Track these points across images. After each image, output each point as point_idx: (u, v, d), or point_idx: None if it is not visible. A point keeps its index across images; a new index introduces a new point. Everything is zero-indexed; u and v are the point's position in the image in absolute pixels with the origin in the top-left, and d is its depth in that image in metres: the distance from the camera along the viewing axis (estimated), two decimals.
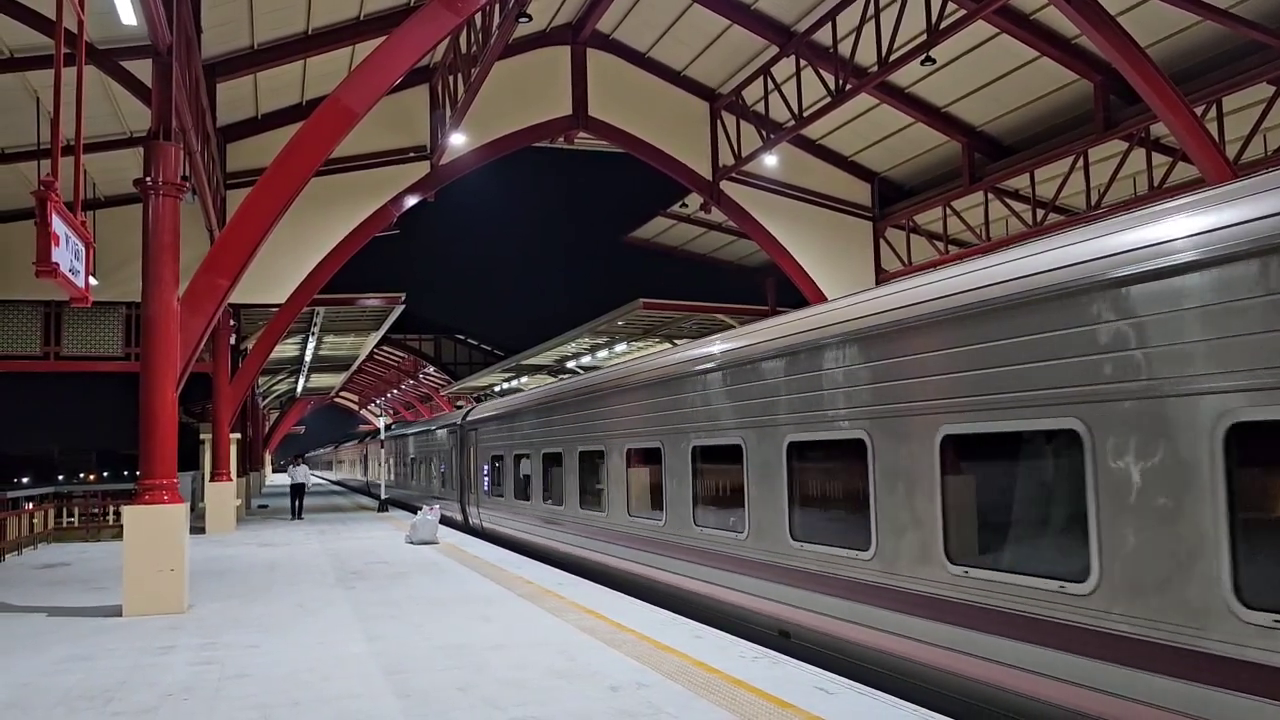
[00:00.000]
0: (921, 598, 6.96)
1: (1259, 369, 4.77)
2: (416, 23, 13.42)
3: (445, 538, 19.83)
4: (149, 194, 11.73)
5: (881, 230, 26.64)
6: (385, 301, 28.76)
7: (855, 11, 19.35)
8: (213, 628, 10.25)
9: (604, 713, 6.47)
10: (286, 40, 19.55)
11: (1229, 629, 4.84)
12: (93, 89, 15.93)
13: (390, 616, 10.67)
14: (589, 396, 14.66)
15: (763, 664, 7.73)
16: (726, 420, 10.06)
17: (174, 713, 6.83)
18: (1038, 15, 18.32)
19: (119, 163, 19.73)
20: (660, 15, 22.79)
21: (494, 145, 23.90)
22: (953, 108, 22.20)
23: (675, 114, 25.30)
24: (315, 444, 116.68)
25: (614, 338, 35.96)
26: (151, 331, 11.68)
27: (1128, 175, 19.94)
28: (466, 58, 20.12)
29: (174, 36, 12.26)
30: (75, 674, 8.16)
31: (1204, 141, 16.38)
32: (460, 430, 24.70)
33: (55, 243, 7.76)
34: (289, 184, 12.82)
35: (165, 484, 11.52)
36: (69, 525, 23.35)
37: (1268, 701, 4.62)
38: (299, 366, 44.67)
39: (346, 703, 6.96)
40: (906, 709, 6.31)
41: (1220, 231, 5.06)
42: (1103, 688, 5.51)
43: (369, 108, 13.24)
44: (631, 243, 32.28)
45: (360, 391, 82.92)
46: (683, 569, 10.97)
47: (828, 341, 8.23)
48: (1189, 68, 17.87)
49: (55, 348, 23.54)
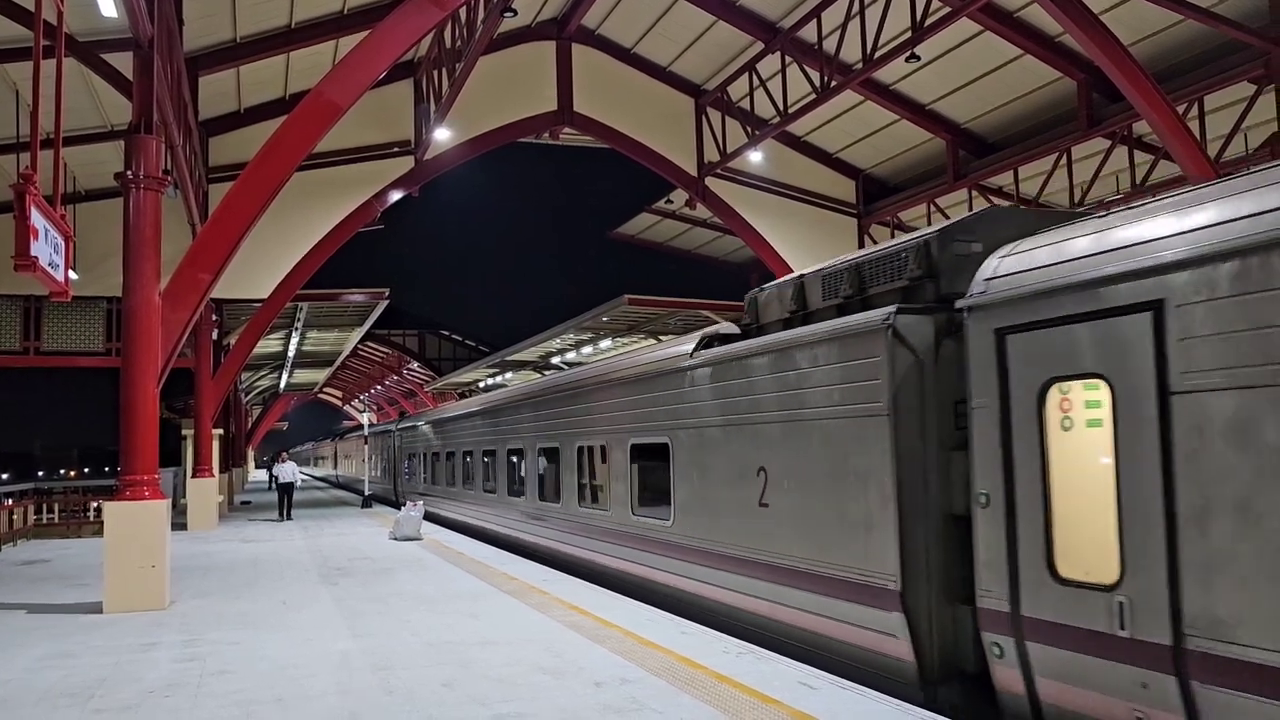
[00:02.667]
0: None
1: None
2: (401, 17, 13.34)
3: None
4: (130, 187, 11.63)
5: (866, 227, 26.72)
6: (369, 297, 28.64)
7: (840, 8, 19.38)
8: (195, 624, 10.19)
9: (589, 708, 6.47)
10: (269, 34, 19.41)
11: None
12: (73, 81, 15.79)
13: (375, 613, 10.63)
14: (459, 416, 22.68)
15: (747, 660, 7.75)
16: (562, 429, 14.67)
17: (156, 710, 6.78)
18: (1021, 13, 18.40)
19: (100, 156, 19.56)
20: (646, 11, 22.77)
21: (479, 141, 23.83)
22: (937, 105, 22.28)
23: (661, 110, 25.29)
24: (298, 440, 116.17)
25: (599, 334, 35.93)
26: (132, 326, 11.59)
27: (1110, 173, 20.08)
28: (451, 52, 20.04)
29: (155, 29, 12.16)
30: (56, 671, 8.10)
31: (1186, 140, 16.51)
32: (395, 435, 33.03)
33: (34, 236, 7.69)
34: (272, 178, 12.74)
35: (146, 480, 11.44)
36: (49, 522, 23.16)
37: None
38: (282, 362, 44.42)
39: (331, 699, 6.93)
40: (889, 704, 6.34)
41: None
42: (672, 572, 10.60)
43: (353, 102, 13.17)
44: (617, 238, 32.27)
45: (344, 387, 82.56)
46: (554, 535, 15.08)
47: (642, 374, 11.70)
48: (1171, 66, 18.00)
49: (35, 343, 23.35)
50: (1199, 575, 4.87)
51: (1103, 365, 5.47)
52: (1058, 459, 5.86)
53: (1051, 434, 5.89)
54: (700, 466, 9.97)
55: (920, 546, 6.81)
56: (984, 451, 6.31)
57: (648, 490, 11.55)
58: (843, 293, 8.27)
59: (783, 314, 9.17)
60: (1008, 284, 6.22)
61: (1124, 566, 5.30)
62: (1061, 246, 6.00)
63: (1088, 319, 5.58)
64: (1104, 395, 5.56)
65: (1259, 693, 4.56)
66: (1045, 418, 5.89)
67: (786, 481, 8.34)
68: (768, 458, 8.63)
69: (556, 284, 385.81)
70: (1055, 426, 5.93)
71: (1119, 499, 5.36)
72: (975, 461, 6.38)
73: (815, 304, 8.72)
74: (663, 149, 25.30)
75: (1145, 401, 5.21)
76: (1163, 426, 5.11)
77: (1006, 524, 6.09)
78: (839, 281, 8.35)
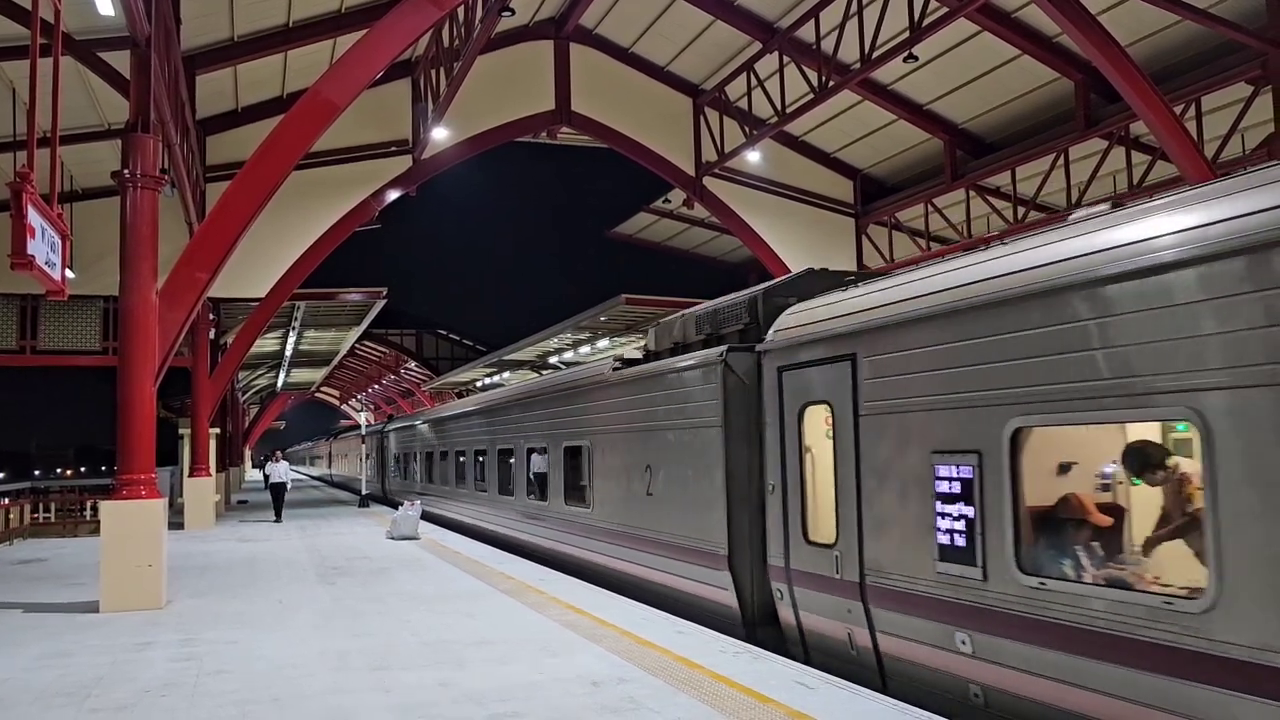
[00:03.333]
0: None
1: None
2: (399, 15, 13.34)
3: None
4: (127, 186, 11.62)
5: (864, 227, 26.72)
6: (367, 296, 28.63)
7: (838, 8, 19.37)
8: (192, 624, 10.18)
9: (586, 708, 6.47)
10: (267, 32, 19.39)
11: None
12: (70, 80, 15.77)
13: (372, 613, 10.63)
14: (433, 422, 26.36)
15: (744, 659, 7.75)
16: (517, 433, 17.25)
17: (152, 709, 6.77)
18: (1019, 14, 18.41)
19: (97, 155, 19.54)
20: (644, 11, 22.76)
21: (477, 140, 23.81)
22: (935, 105, 22.28)
23: (659, 110, 25.27)
24: (296, 440, 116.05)
25: (596, 333, 35.92)
26: (129, 325, 11.58)
27: (1108, 173, 20.08)
28: (449, 51, 20.01)
29: (153, 27, 12.14)
30: (52, 671, 8.09)
31: (1183, 140, 16.51)
32: (380, 435, 37.11)
33: (31, 235, 7.68)
34: (269, 177, 12.74)
35: (143, 479, 11.43)
36: (46, 521, 23.14)
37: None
38: (279, 361, 44.39)
39: (327, 699, 6.92)
40: (885, 703, 6.35)
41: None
42: (593, 550, 12.97)
43: (350, 101, 13.18)
44: (615, 238, 32.26)
45: (341, 387, 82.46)
46: (511, 524, 17.54)
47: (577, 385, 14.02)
48: (1168, 67, 18.01)
49: (32, 341, 23.33)
50: (871, 535, 7.31)
51: (829, 395, 7.92)
52: (810, 459, 8.37)
53: (807, 442, 8.38)
54: (610, 465, 12.48)
55: (742, 523, 9.26)
56: (771, 454, 8.81)
57: (574, 485, 14.11)
58: (705, 331, 10.68)
59: (669, 344, 11.57)
60: (785, 335, 8.67)
61: (838, 531, 7.74)
62: (814, 311, 8.42)
63: (820, 363, 8.04)
64: (829, 415, 7.97)
65: (900, 610, 6.95)
66: (803, 430, 8.40)
67: (662, 476, 10.87)
68: (652, 458, 11.13)
69: (555, 283, 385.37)
70: (809, 436, 8.36)
71: (836, 485, 7.79)
72: (767, 461, 8.90)
73: (690, 338, 11.03)
74: (661, 148, 25.29)
75: (848, 420, 7.62)
76: (855, 437, 7.49)
77: (783, 505, 8.59)
78: (704, 322, 10.76)
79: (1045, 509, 6.10)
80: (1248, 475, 4.58)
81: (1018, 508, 5.96)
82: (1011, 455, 5.97)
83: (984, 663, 6.15)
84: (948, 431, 6.52)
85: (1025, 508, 5.99)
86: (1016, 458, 5.96)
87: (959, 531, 6.37)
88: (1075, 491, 6.13)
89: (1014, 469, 5.96)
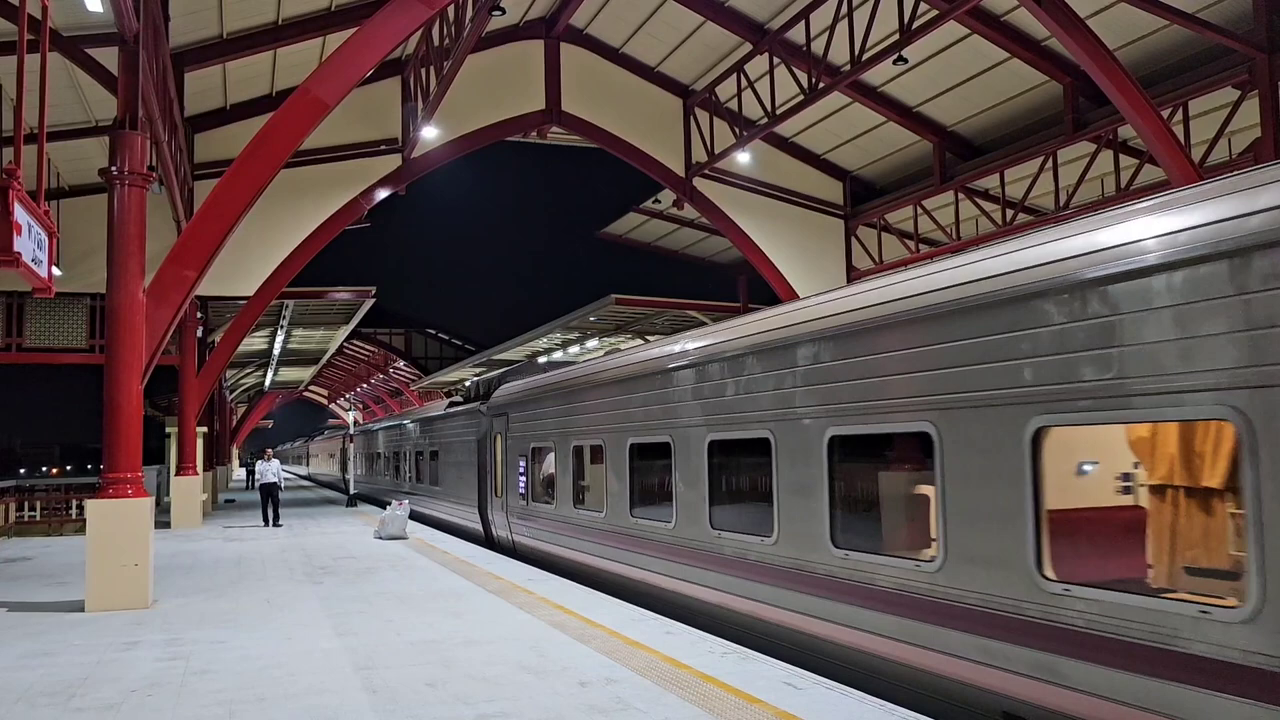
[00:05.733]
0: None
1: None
2: (389, 14, 13.31)
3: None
4: (115, 184, 11.56)
5: (853, 228, 26.79)
6: (355, 295, 28.54)
7: (828, 10, 19.42)
8: (178, 623, 10.14)
9: (574, 708, 6.47)
10: (256, 30, 19.32)
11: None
12: (57, 77, 15.68)
13: (359, 612, 10.61)
14: (378, 430, 36.53)
15: (732, 660, 7.76)
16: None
17: (138, 709, 6.74)
18: (1009, 17, 18.49)
19: (84, 151, 19.43)
20: (634, 11, 22.77)
21: (467, 139, 23.79)
22: (924, 107, 22.35)
23: (649, 110, 25.29)
24: (283, 439, 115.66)
25: (586, 333, 35.94)
26: (116, 323, 11.52)
27: (1096, 177, 20.17)
28: (439, 50, 19.99)
29: (141, 24, 12.09)
30: (36, 670, 8.04)
31: (1171, 144, 16.60)
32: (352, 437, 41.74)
33: (17, 232, 7.61)
34: (258, 175, 12.69)
35: (130, 477, 11.38)
36: (31, 519, 23.01)
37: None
38: (267, 360, 44.24)
39: (314, 698, 6.91)
40: (872, 704, 6.36)
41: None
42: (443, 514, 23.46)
43: (340, 99, 13.13)
44: (605, 238, 32.24)
45: (330, 386, 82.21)
46: (435, 507, 24.53)
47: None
48: (1156, 71, 18.11)
49: (18, 339, 23.13)
50: (511, 490, 16.60)
51: (501, 429, 17.24)
52: (498, 457, 17.44)
53: (497, 450, 17.53)
54: (450, 465, 22.17)
55: (485, 491, 18.62)
56: (489, 459, 18.26)
57: (449, 479, 22.35)
58: (484, 390, 19.55)
59: (475, 394, 20.49)
60: (495, 399, 18.07)
61: (505, 490, 17.17)
62: (510, 386, 17.52)
63: (494, 414, 17.99)
64: (502, 437, 17.17)
65: (522, 521, 16.12)
66: (495, 446, 17.71)
67: (454, 470, 21.54)
68: (448, 458, 22.25)
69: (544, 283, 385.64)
70: (498, 447, 17.47)
71: (504, 468, 17.05)
72: (487, 462, 18.45)
73: (481, 392, 19.71)
74: (651, 149, 25.30)
75: (504, 439, 17.19)
76: (505, 446, 16.99)
77: (490, 480, 18.20)
78: (488, 384, 19.53)
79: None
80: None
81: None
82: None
83: (548, 545, 14.64)
84: (536, 438, 15.06)
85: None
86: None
87: (535, 484, 15.24)
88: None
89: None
